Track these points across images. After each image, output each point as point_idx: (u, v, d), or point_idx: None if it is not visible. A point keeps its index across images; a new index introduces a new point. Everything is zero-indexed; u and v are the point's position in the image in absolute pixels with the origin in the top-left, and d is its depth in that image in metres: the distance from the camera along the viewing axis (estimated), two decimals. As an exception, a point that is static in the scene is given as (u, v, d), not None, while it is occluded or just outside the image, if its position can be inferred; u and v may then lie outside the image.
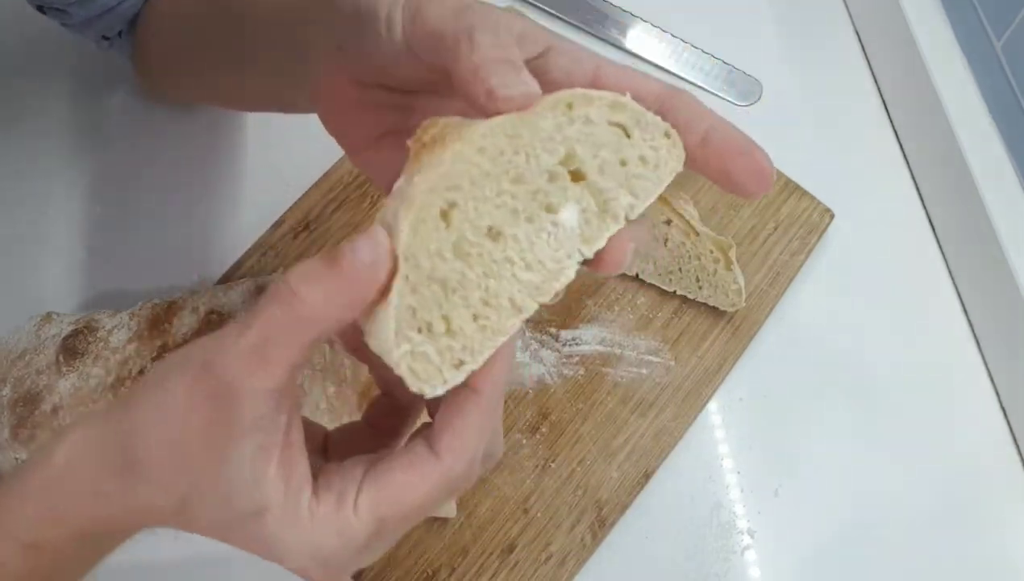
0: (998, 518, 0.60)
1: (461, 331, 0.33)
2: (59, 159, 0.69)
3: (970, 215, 0.64)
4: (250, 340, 0.31)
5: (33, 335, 0.55)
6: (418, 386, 0.32)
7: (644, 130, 0.37)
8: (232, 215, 0.67)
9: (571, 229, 0.35)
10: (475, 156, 0.34)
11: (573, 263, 0.35)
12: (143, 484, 0.33)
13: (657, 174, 0.37)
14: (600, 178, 0.36)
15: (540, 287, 0.34)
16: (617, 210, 0.36)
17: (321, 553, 0.33)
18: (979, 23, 0.66)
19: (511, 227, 0.34)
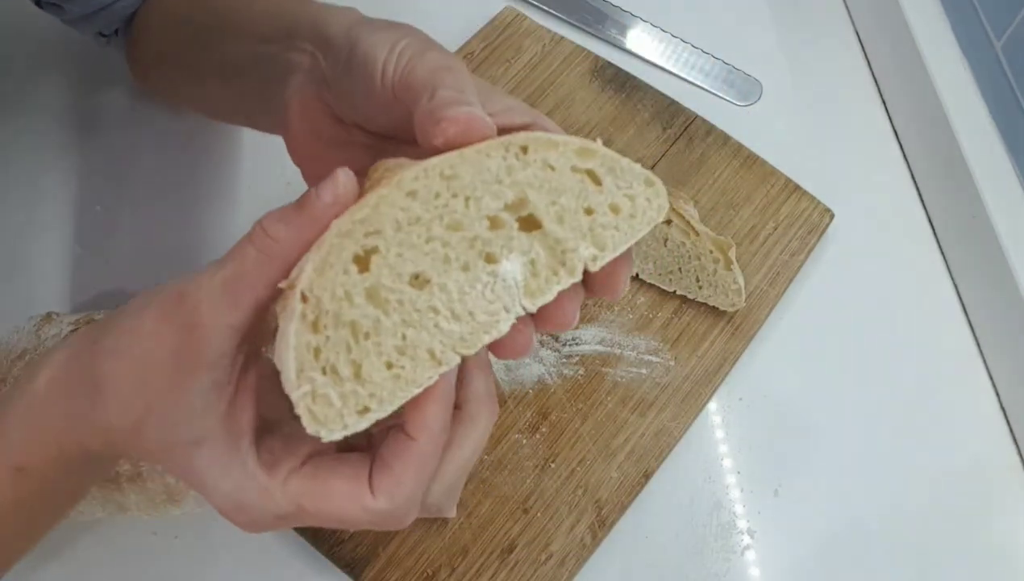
0: (998, 518, 0.60)
1: (370, 378, 0.32)
2: (58, 158, 0.69)
3: (970, 215, 0.64)
4: (223, 275, 0.33)
5: (33, 335, 0.55)
6: (315, 428, 0.31)
7: (619, 177, 0.36)
8: (231, 214, 0.67)
9: (512, 282, 0.34)
10: (403, 200, 0.33)
11: (510, 317, 0.34)
12: (105, 402, 0.35)
13: (631, 224, 0.35)
14: (558, 227, 0.34)
15: (466, 339, 0.33)
16: (574, 262, 0.34)
17: (240, 500, 0.34)
18: (979, 23, 0.66)
19: (440, 276, 0.33)
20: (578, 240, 0.35)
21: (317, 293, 0.31)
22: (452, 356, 0.33)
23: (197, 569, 0.56)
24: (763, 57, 0.76)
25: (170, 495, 0.52)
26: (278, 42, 0.46)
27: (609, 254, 0.35)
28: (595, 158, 0.36)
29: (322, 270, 0.32)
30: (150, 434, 0.35)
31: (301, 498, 0.34)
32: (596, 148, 0.36)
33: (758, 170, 0.69)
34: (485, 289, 0.33)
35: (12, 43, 0.73)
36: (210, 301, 0.33)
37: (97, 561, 0.55)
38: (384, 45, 0.39)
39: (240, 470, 0.34)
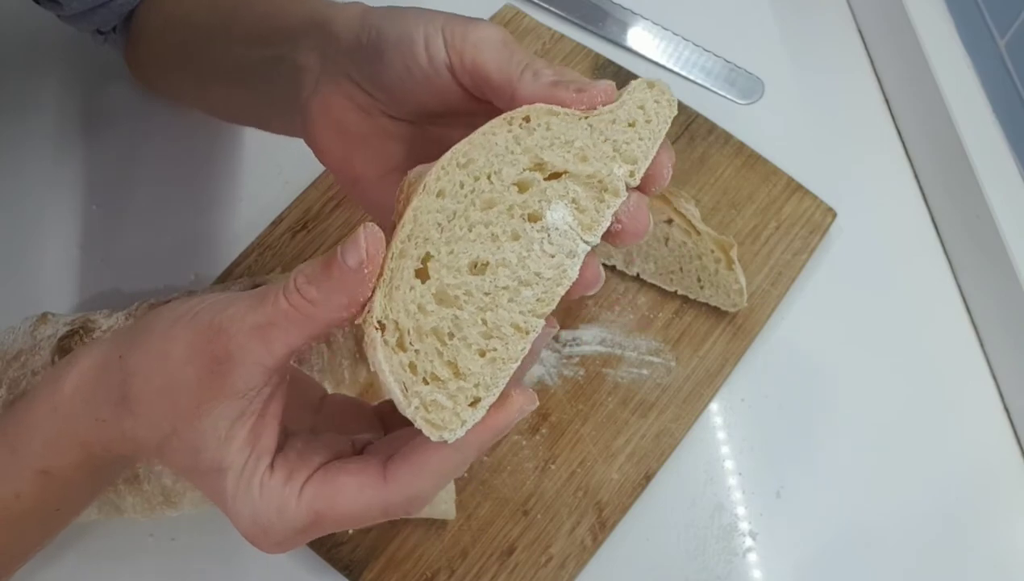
0: (1001, 519, 0.60)
1: (469, 371, 0.33)
2: (54, 157, 0.69)
3: (973, 214, 0.64)
4: (256, 319, 0.33)
5: (28, 335, 0.54)
6: (437, 434, 0.32)
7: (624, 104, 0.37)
8: (230, 213, 0.67)
9: (564, 227, 0.35)
10: (435, 202, 0.34)
11: (577, 261, 0.35)
12: (132, 418, 0.36)
13: (650, 128, 0.37)
14: (584, 166, 0.36)
15: (542, 299, 0.34)
16: (615, 183, 0.36)
17: (261, 522, 0.35)
18: (983, 21, 0.66)
19: (496, 254, 0.34)
20: (610, 165, 0.36)
21: (393, 317, 0.33)
22: (535, 321, 0.34)
23: (195, 570, 0.56)
24: (765, 55, 0.76)
25: (167, 497, 0.52)
26: (280, 45, 0.46)
27: (643, 163, 0.36)
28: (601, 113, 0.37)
29: (390, 295, 0.33)
30: (175, 455, 0.36)
31: (315, 503, 0.35)
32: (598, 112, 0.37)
33: (760, 169, 0.69)
34: (543, 245, 0.34)
35: (10, 41, 0.73)
36: (243, 339, 0.33)
37: (94, 563, 0.55)
38: (415, 24, 0.39)
39: (258, 492, 0.35)
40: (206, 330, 0.34)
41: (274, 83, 0.47)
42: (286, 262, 0.64)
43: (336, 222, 0.65)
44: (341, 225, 0.65)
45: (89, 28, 0.62)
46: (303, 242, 0.64)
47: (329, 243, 0.64)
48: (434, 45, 0.39)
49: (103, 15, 0.60)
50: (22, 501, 0.38)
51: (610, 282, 0.64)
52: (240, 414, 0.34)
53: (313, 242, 0.64)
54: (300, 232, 0.65)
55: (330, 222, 0.65)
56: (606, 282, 0.63)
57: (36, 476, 0.38)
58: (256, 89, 0.50)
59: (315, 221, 0.65)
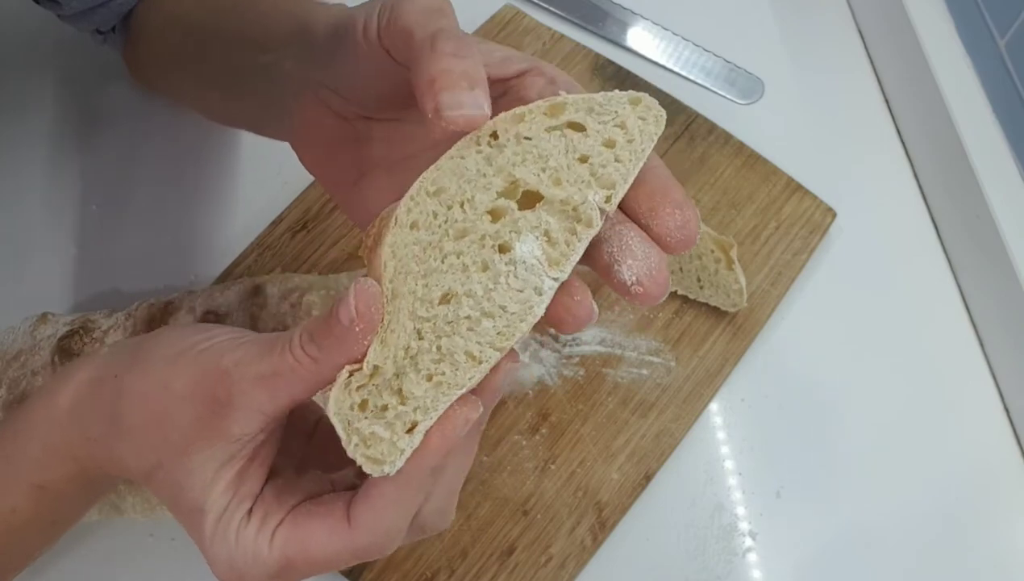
0: (1001, 519, 0.60)
1: (412, 395, 0.32)
2: (54, 157, 0.68)
3: (973, 214, 0.64)
4: (261, 371, 0.33)
5: (28, 335, 0.54)
6: (377, 470, 0.32)
7: (600, 114, 0.35)
8: (229, 214, 0.67)
9: (532, 261, 0.33)
10: (410, 235, 0.33)
11: (544, 299, 0.33)
12: (121, 441, 0.36)
13: (632, 148, 0.34)
14: (557, 189, 0.34)
15: (503, 332, 0.33)
16: (588, 213, 0.33)
17: (236, 567, 0.35)
18: (982, 21, 0.66)
19: (464, 285, 0.33)
20: (584, 190, 0.33)
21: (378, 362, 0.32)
22: (492, 353, 0.33)
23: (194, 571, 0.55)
24: (765, 55, 0.76)
25: (167, 497, 0.52)
26: (269, 51, 0.46)
27: (621, 187, 0.34)
28: (566, 110, 0.35)
29: (385, 339, 0.33)
30: (160, 487, 0.36)
31: (286, 548, 0.34)
32: (563, 99, 0.35)
33: (760, 169, 0.69)
34: (509, 279, 0.33)
35: (9, 41, 0.73)
36: (247, 386, 0.33)
37: (94, 563, 0.55)
38: (360, 10, 0.38)
39: (234, 538, 0.34)
40: (211, 371, 0.34)
41: (264, 90, 0.47)
42: (286, 262, 0.63)
43: (336, 222, 0.65)
44: (341, 225, 0.65)
45: (88, 28, 0.62)
46: (303, 242, 0.64)
47: (328, 243, 0.64)
48: (370, 23, 0.37)
49: (102, 15, 0.60)
50: (18, 515, 0.38)
51: (610, 282, 0.64)
52: (230, 458, 0.34)
53: (313, 242, 0.64)
54: (300, 232, 0.65)
55: (330, 222, 0.65)
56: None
57: (31, 490, 0.38)
58: (249, 95, 0.50)
59: (315, 221, 0.65)
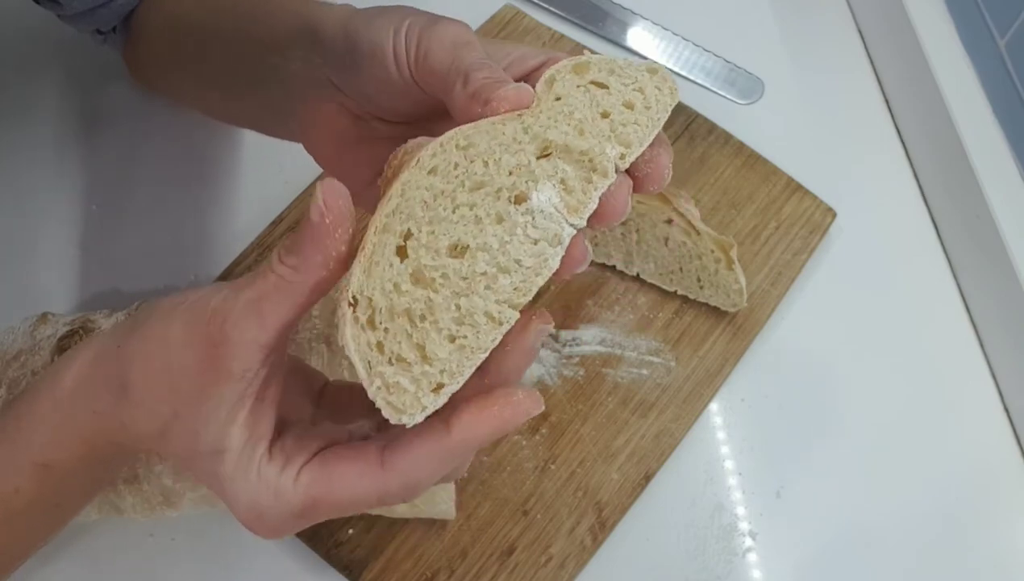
0: (1001, 519, 0.60)
1: (436, 356, 0.32)
2: (54, 157, 0.68)
3: (973, 214, 0.64)
4: (248, 296, 0.34)
5: (28, 336, 0.54)
6: (396, 417, 0.32)
7: (621, 76, 0.36)
8: (229, 213, 0.67)
9: (550, 209, 0.33)
10: (425, 179, 0.33)
11: (559, 250, 0.33)
12: (132, 406, 0.36)
13: (649, 115, 0.35)
14: (580, 140, 0.34)
15: (519, 288, 0.33)
16: (604, 164, 0.34)
17: (257, 506, 0.35)
18: (982, 21, 0.66)
19: (477, 238, 0.33)
20: (603, 143, 0.34)
21: (367, 293, 0.32)
22: (510, 312, 0.32)
23: (194, 571, 0.55)
24: (765, 55, 0.76)
25: (167, 498, 0.52)
26: (278, 53, 0.46)
27: (636, 148, 0.35)
28: (590, 69, 0.36)
29: (369, 271, 0.32)
30: (175, 440, 0.36)
31: (312, 488, 0.35)
32: (588, 59, 0.37)
33: (760, 169, 0.69)
34: (527, 230, 0.33)
35: (9, 41, 0.73)
36: (237, 318, 0.34)
37: (94, 563, 0.55)
38: (386, 30, 0.39)
39: (255, 476, 0.35)
40: (202, 313, 0.35)
41: (270, 90, 0.47)
42: (286, 262, 0.63)
43: (336, 222, 0.65)
44: (341, 225, 0.65)
45: (89, 28, 0.61)
46: (303, 242, 0.64)
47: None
48: (400, 54, 0.38)
49: (103, 15, 0.60)
50: (22, 495, 0.39)
51: (610, 282, 0.64)
52: (239, 397, 0.35)
53: (313, 242, 0.64)
54: (300, 232, 0.65)
55: (330, 222, 0.65)
56: (606, 282, 0.64)
57: (36, 470, 0.38)
58: (252, 95, 0.50)
59: (315, 221, 0.65)
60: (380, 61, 0.39)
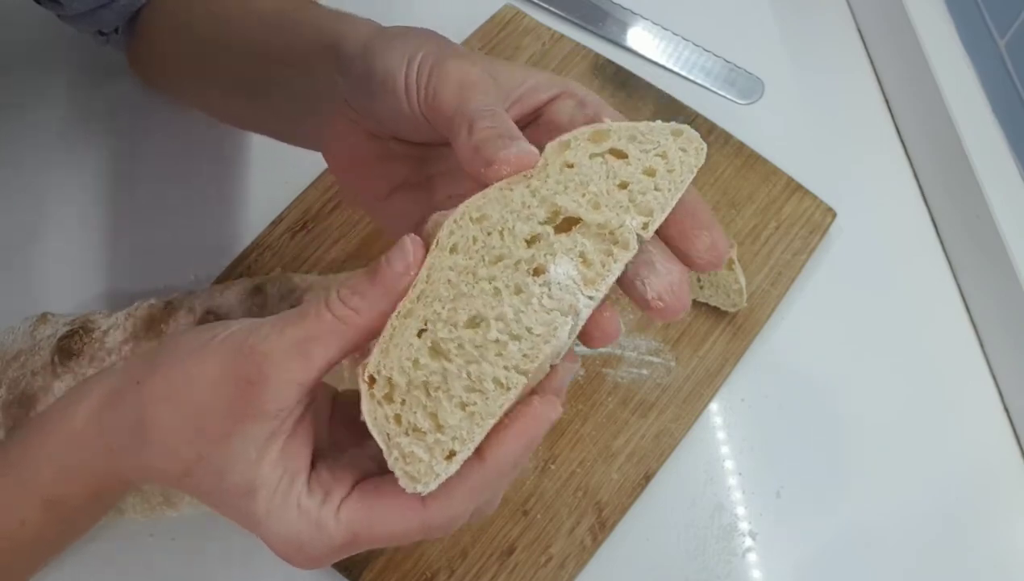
0: (1002, 519, 0.60)
1: (447, 423, 0.32)
2: (53, 156, 0.68)
3: (973, 214, 0.64)
4: (297, 335, 0.33)
5: (28, 336, 0.54)
6: (412, 486, 0.32)
7: (643, 142, 0.35)
8: (229, 214, 0.67)
9: (567, 281, 0.33)
10: (448, 259, 0.34)
11: (568, 320, 0.33)
12: (152, 447, 0.35)
13: (672, 178, 0.35)
14: (596, 214, 0.34)
15: (527, 354, 0.33)
16: (626, 237, 0.34)
17: (298, 539, 0.35)
18: (982, 21, 0.66)
19: (495, 308, 0.33)
20: (622, 215, 0.34)
21: (386, 373, 0.33)
22: (517, 378, 0.33)
23: (194, 571, 0.55)
24: (765, 55, 0.76)
25: (167, 497, 0.52)
26: (299, 67, 0.46)
27: (659, 215, 0.34)
28: (610, 137, 0.36)
29: (387, 351, 0.33)
30: (200, 481, 0.35)
31: (353, 524, 0.34)
32: (608, 126, 0.36)
33: (760, 169, 0.69)
34: (542, 299, 0.33)
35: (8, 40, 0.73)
36: (279, 357, 0.33)
37: (94, 563, 0.55)
38: (400, 60, 0.39)
39: (294, 511, 0.34)
40: (237, 351, 0.34)
41: (288, 101, 0.47)
42: (286, 262, 0.63)
43: (336, 222, 0.65)
44: (341, 224, 0.65)
45: (90, 29, 0.61)
46: (303, 242, 0.64)
47: (328, 243, 0.64)
48: (411, 88, 0.38)
49: (105, 16, 0.59)
50: (28, 528, 0.38)
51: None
52: (271, 434, 0.34)
53: (313, 242, 0.64)
54: (300, 232, 0.65)
55: (330, 222, 0.65)
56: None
57: (44, 504, 0.38)
58: (269, 104, 0.50)
59: (315, 221, 0.65)
60: (392, 91, 0.39)
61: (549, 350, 0.33)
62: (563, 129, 0.37)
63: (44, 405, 0.52)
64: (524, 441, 0.33)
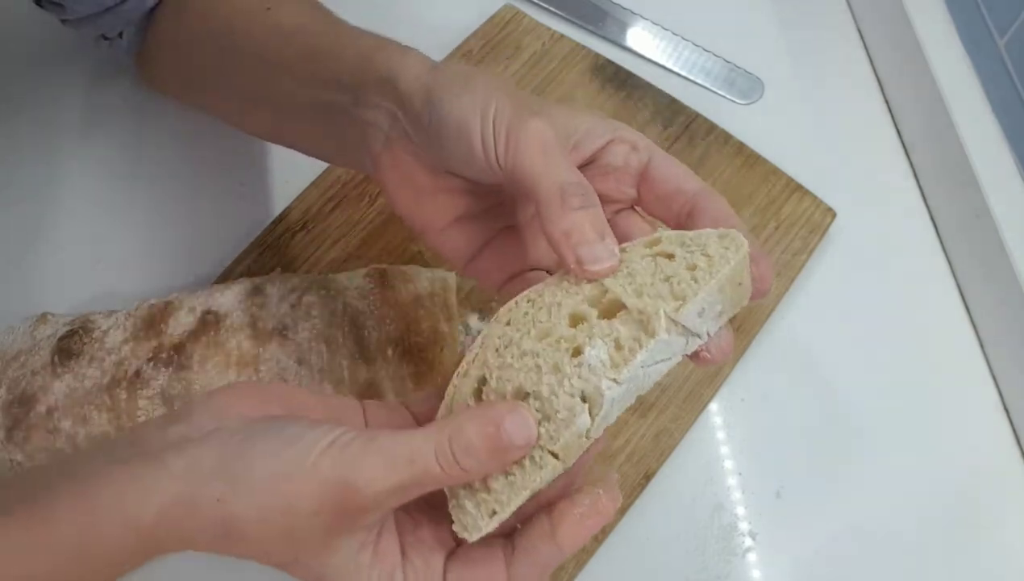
0: (1001, 520, 0.60)
1: (493, 487, 0.36)
2: (54, 156, 0.68)
3: (973, 214, 0.64)
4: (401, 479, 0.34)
5: (28, 336, 0.54)
6: (461, 532, 0.36)
7: (689, 246, 0.38)
8: (229, 214, 0.67)
9: (597, 363, 0.35)
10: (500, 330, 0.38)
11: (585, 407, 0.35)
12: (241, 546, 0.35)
13: (712, 269, 0.36)
14: (637, 300, 0.36)
15: (553, 436, 0.35)
16: (656, 326, 0.35)
17: None
18: (982, 21, 0.66)
19: (535, 384, 0.36)
20: (659, 304, 0.36)
21: None
22: (548, 458, 0.35)
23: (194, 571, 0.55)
24: (765, 55, 0.76)
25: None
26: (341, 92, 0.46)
27: (691, 300, 0.36)
28: (661, 243, 0.39)
29: (451, 408, 0.38)
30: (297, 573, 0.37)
31: None
32: (661, 235, 0.40)
33: (759, 169, 0.69)
34: (572, 380, 0.35)
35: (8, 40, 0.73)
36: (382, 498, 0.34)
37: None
38: (474, 114, 0.40)
39: None
40: (336, 489, 0.34)
41: (337, 126, 0.47)
42: (286, 262, 0.63)
43: (336, 222, 0.65)
44: (341, 225, 0.65)
45: (93, 33, 0.61)
46: (303, 242, 0.64)
47: (328, 243, 0.64)
48: (488, 143, 0.39)
49: (109, 20, 0.59)
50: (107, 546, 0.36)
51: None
52: (362, 544, 0.36)
53: (313, 242, 0.64)
54: (300, 232, 0.65)
55: (330, 222, 0.65)
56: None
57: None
58: (313, 126, 0.50)
59: (315, 221, 0.65)
60: (467, 143, 0.40)
61: (569, 435, 0.35)
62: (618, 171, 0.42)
63: (43, 405, 0.52)
64: (594, 530, 0.37)
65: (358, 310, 0.55)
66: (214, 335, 0.53)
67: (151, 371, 0.52)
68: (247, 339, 0.53)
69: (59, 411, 0.52)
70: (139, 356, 0.53)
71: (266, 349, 0.53)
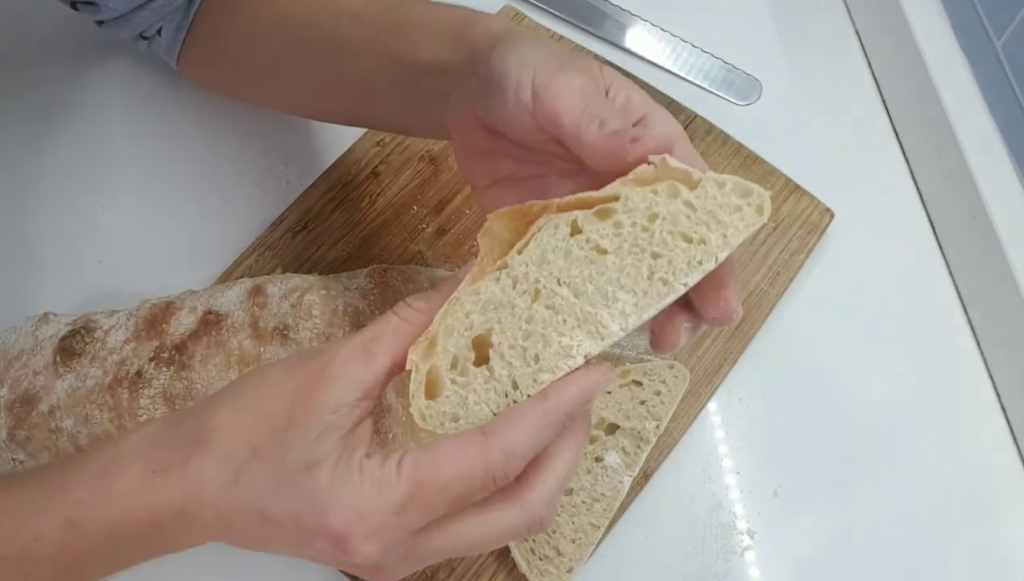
0: (999, 519, 0.60)
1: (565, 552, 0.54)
2: (56, 158, 0.69)
3: (970, 214, 0.64)
4: (364, 337, 0.37)
5: (30, 335, 0.55)
6: None
7: (650, 375, 0.58)
8: (230, 214, 0.67)
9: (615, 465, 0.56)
10: None
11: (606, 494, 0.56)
12: (203, 455, 0.36)
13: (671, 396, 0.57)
14: (627, 421, 0.56)
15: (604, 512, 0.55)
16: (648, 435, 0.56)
17: (360, 504, 0.35)
18: (979, 22, 0.66)
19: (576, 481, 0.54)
20: (644, 422, 0.56)
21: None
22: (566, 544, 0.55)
23: (194, 571, 0.56)
24: (763, 56, 0.76)
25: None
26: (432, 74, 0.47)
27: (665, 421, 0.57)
28: (631, 373, 0.58)
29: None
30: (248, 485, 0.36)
31: (416, 471, 0.35)
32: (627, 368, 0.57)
33: (758, 170, 0.69)
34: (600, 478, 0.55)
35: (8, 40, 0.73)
36: (345, 358, 0.36)
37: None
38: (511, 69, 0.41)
39: (357, 475, 0.35)
40: (304, 357, 0.37)
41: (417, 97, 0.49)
42: (286, 262, 0.64)
43: (336, 222, 0.65)
44: (341, 225, 0.65)
45: (130, 33, 0.60)
46: (303, 242, 0.65)
47: (329, 243, 0.64)
48: (522, 91, 0.40)
49: (143, 17, 0.59)
50: (41, 545, 0.38)
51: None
52: (329, 426, 0.36)
53: (313, 242, 0.65)
54: (300, 232, 0.65)
55: (330, 222, 0.65)
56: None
57: (63, 523, 0.37)
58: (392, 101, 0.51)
59: (315, 221, 0.65)
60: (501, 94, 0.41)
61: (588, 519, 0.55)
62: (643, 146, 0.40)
63: (46, 404, 0.52)
64: (581, 390, 0.37)
65: (359, 310, 0.55)
66: (215, 335, 0.53)
67: (153, 371, 0.52)
68: (248, 339, 0.53)
69: (61, 410, 0.52)
70: (141, 356, 0.53)
71: (267, 349, 0.53)
